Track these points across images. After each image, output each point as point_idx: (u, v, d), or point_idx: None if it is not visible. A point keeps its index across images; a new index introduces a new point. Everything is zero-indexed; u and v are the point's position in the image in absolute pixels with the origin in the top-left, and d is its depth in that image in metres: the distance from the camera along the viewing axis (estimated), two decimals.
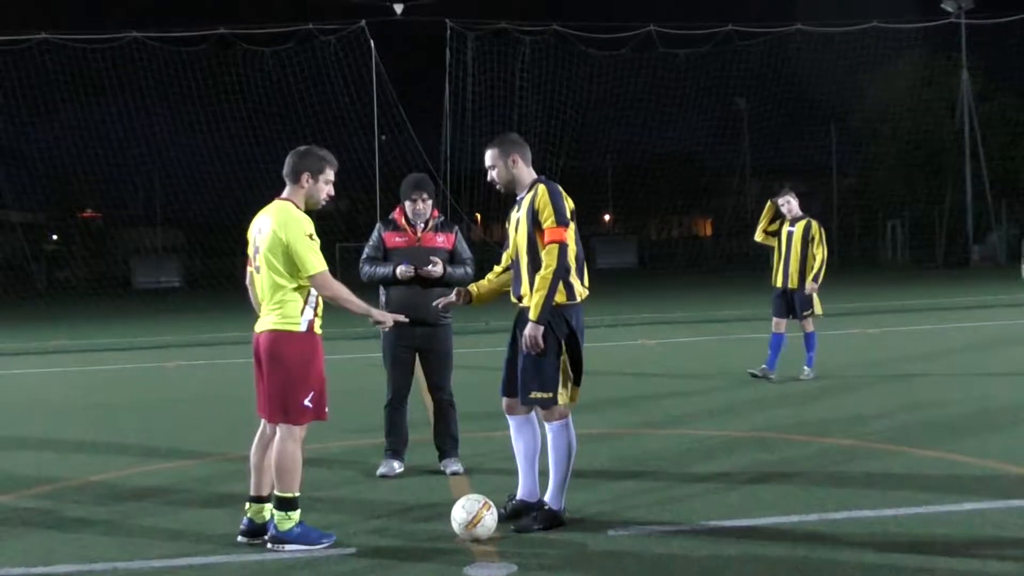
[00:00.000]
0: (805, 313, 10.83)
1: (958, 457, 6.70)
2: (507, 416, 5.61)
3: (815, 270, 10.66)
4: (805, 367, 10.80)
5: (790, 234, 10.77)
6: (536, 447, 5.55)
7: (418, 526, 5.50)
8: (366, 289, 6.49)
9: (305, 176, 5.30)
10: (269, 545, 5.16)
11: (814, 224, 10.77)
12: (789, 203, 10.83)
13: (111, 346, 18.17)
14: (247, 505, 5.34)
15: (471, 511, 5.11)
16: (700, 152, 51.59)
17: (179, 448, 8.04)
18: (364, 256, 6.90)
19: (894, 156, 45.67)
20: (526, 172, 5.50)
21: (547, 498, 5.38)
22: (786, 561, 4.68)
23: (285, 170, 5.34)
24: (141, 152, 37.00)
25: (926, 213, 46.31)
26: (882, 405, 8.99)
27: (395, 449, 6.87)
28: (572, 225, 5.34)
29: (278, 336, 5.17)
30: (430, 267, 6.64)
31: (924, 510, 5.46)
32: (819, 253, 10.64)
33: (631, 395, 10.03)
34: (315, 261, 5.13)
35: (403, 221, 6.85)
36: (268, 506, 5.27)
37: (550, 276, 5.18)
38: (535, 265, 5.29)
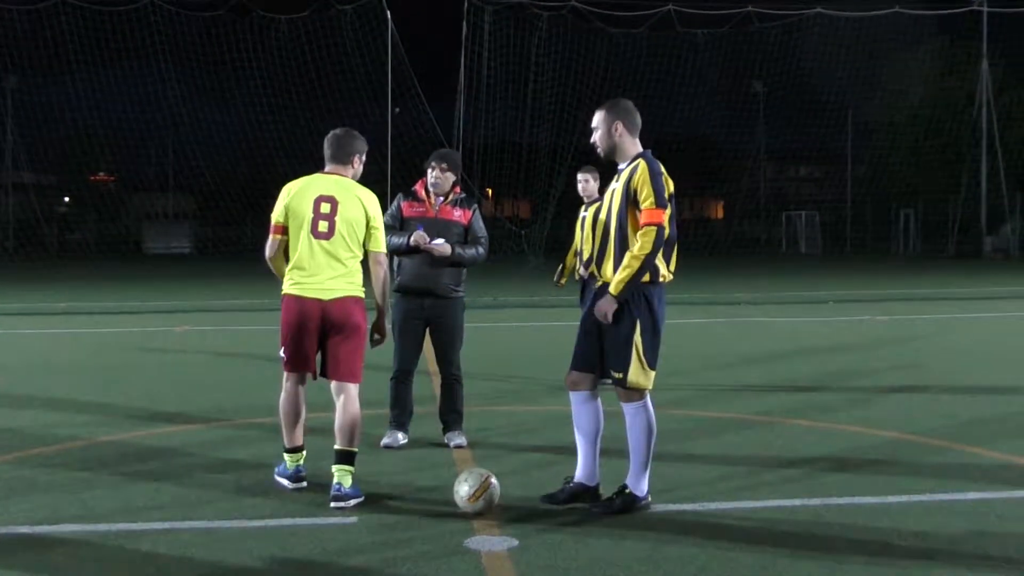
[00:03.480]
0: None
1: (964, 447, 6.68)
2: (570, 392, 5.37)
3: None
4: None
5: (584, 219, 9.18)
6: (599, 427, 5.35)
7: (420, 498, 5.51)
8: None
9: (357, 157, 5.75)
10: (340, 504, 5.27)
11: None
12: (588, 183, 9.15)
13: (120, 309, 18.24)
14: (296, 456, 5.68)
15: (474, 484, 5.11)
16: (715, 134, 51.39)
17: (185, 412, 8.07)
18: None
19: (909, 145, 45.44)
20: (630, 143, 5.26)
21: (628, 481, 5.23)
22: (788, 544, 4.67)
23: (336, 150, 5.70)
24: (154, 117, 37.07)
25: (940, 203, 46.07)
26: (889, 393, 8.96)
27: (400, 421, 6.87)
28: (670, 208, 5.12)
29: (356, 301, 5.61)
30: (436, 243, 6.61)
31: (928, 498, 5.44)
32: None
33: None
34: (384, 240, 5.79)
35: (423, 192, 6.87)
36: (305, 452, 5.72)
37: (642, 258, 4.97)
38: (624, 241, 5.10)
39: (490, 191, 38.92)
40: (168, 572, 4.36)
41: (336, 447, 5.48)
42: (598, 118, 5.31)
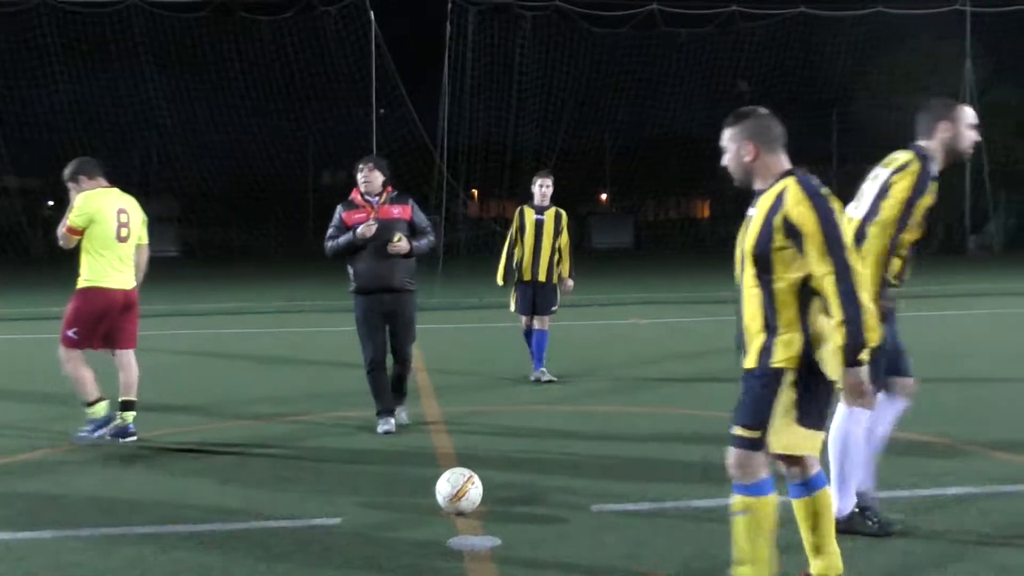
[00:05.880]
0: (553, 309, 9.81)
1: (945, 442, 6.70)
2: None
3: (570, 263, 9.74)
4: (544, 369, 9.60)
5: (540, 223, 9.60)
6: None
7: (403, 498, 5.49)
8: (334, 264, 7.06)
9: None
10: (134, 437, 6.87)
11: (563, 212, 9.77)
12: (548, 186, 9.72)
13: None
14: (105, 403, 6.97)
15: (456, 484, 5.10)
16: (700, 133, 51.37)
17: (166, 415, 8.03)
18: (327, 236, 7.31)
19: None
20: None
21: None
22: (777, 539, 4.67)
23: (100, 168, 7.46)
24: (137, 119, 36.81)
25: None
26: None
27: (388, 409, 7.23)
28: None
29: (137, 287, 7.21)
30: (395, 243, 7.01)
31: (910, 494, 5.46)
32: (567, 244, 9.74)
33: (622, 373, 10.03)
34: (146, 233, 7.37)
35: (360, 199, 7.24)
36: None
37: None
38: None
39: (475, 191, 38.92)
40: (152, 575, 4.33)
41: (125, 399, 6.97)
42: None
